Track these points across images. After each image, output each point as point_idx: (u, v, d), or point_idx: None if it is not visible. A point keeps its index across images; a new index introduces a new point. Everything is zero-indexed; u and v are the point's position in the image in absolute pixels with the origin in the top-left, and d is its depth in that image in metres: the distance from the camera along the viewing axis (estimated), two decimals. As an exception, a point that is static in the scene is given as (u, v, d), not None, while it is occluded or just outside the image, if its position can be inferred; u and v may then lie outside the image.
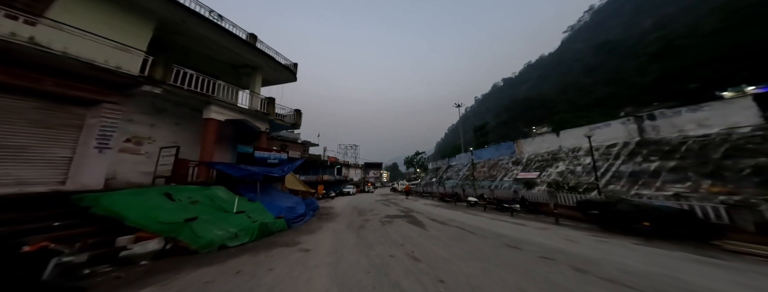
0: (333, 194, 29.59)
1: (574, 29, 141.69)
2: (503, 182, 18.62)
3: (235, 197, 7.56)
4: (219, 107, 9.69)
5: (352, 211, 15.34)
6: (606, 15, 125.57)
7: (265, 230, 6.84)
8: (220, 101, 9.70)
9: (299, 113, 14.91)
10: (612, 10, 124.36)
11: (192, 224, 5.16)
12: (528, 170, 16.37)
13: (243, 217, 6.67)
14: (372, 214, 13.44)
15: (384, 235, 7.60)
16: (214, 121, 9.40)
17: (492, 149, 24.54)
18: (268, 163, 11.52)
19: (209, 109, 9.29)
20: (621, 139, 12.30)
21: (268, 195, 10.13)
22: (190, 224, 5.13)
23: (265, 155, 11.44)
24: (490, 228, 8.14)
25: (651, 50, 62.07)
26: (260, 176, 8.71)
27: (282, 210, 9.16)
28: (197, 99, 9.09)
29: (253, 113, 11.39)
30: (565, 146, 14.63)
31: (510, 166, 19.53)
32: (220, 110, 9.72)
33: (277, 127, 14.15)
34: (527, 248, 5.60)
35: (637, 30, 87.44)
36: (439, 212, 13.10)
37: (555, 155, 14.81)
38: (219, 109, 9.69)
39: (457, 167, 33.16)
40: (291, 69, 15.38)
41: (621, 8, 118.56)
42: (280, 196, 11.05)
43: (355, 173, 49.54)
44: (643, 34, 77.70)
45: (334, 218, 11.88)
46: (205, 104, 9.31)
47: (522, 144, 19.04)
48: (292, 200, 11.63)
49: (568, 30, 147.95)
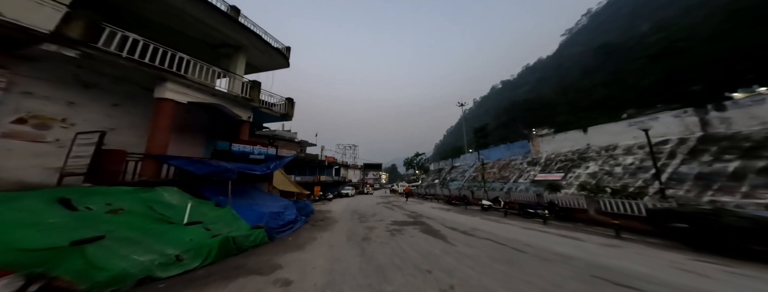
0: (330, 195, 27.48)
1: (572, 32, 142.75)
2: (518, 183, 16.76)
3: (189, 201, 5.45)
4: (179, 86, 7.52)
5: (352, 215, 13.27)
6: (603, 18, 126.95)
7: (229, 247, 4.78)
8: (182, 78, 7.52)
9: (291, 102, 12.85)
10: (609, 14, 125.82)
11: (87, 249, 3.07)
12: (548, 170, 14.55)
13: (196, 230, 4.60)
14: (376, 219, 11.40)
15: (398, 252, 5.58)
16: (171, 103, 7.22)
17: (502, 149, 22.73)
18: (251, 159, 9.43)
19: (164, 86, 7.12)
20: (674, 135, 10.46)
21: (247, 198, 8.03)
22: (83, 249, 3.04)
23: (247, 149, 9.34)
24: (535, 243, 6.18)
25: (651, 52, 61.66)
26: (233, 174, 6.61)
27: (263, 217, 7.08)
28: (144, 73, 6.86)
29: (232, 98, 9.26)
30: (595, 144, 12.83)
31: (525, 166, 17.70)
32: (180, 90, 7.55)
33: (264, 117, 12.04)
34: (639, 285, 3.57)
35: (635, 33, 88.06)
36: (454, 218, 11.12)
37: (582, 154, 13.01)
38: (179, 88, 7.52)
39: (461, 168, 31.31)
40: (282, 53, 13.33)
41: (618, 12, 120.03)
42: (264, 199, 8.95)
43: (354, 174, 47.39)
44: (641, 36, 77.92)
45: (331, 226, 9.80)
46: (157, 80, 7.14)
47: (539, 143, 17.26)
48: (279, 203, 9.53)
49: (566, 33, 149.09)
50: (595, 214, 8.74)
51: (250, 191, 8.52)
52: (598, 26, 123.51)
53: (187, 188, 6.27)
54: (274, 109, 12.01)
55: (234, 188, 7.93)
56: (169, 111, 7.12)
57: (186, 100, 7.58)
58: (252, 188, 8.95)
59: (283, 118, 12.55)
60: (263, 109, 10.97)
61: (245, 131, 9.79)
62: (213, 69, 8.61)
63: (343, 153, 50.92)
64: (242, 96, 9.64)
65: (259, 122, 12.72)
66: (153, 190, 5.34)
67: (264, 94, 11.39)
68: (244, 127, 9.84)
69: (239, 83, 9.83)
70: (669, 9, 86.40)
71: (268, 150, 10.41)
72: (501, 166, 21.22)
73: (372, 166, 55.96)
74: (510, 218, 10.74)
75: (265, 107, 11.29)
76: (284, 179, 12.95)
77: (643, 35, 77.99)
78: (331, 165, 37.20)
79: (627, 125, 11.30)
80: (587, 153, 12.59)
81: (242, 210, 6.78)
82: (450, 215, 12.58)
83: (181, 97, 7.50)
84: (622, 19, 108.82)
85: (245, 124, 9.88)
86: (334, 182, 35.78)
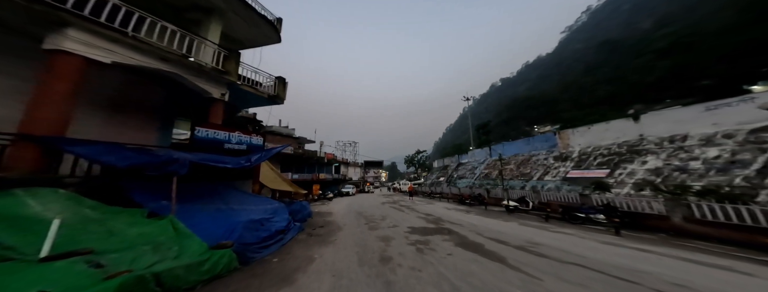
0: (330, 194, 25.25)
1: (572, 30, 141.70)
2: (544, 181, 14.68)
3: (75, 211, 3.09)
4: (93, 36, 5.00)
5: (358, 219, 11.07)
6: (604, 15, 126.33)
7: None
8: (98, 27, 5.01)
9: (283, 83, 10.49)
10: (610, 11, 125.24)
11: None
12: (585, 166, 12.47)
13: (68, 269, 2.30)
14: (387, 225, 9.22)
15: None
16: (76, 61, 4.76)
17: (520, 143, 20.62)
18: (227, 149, 7.13)
19: (62, 35, 4.64)
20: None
21: (215, 202, 5.74)
22: None
23: (220, 136, 7.01)
24: (656, 272, 4.03)
25: (658, 47, 60.38)
26: (181, 167, 4.21)
27: (234, 229, 4.81)
28: (25, 10, 4.33)
29: (195, 68, 6.84)
30: (651, 134, 10.65)
31: (551, 162, 15.62)
32: (96, 43, 5.04)
33: (248, 99, 9.65)
34: None
35: (636, 29, 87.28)
36: (484, 224, 8.96)
37: (634, 146, 10.88)
38: (94, 39, 5.00)
39: (470, 164, 29.25)
40: (272, 23, 10.92)
41: (619, 9, 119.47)
42: (244, 201, 6.66)
43: (355, 172, 45.11)
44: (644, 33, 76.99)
45: (334, 236, 7.58)
46: (51, 26, 4.67)
47: (568, 135, 15.16)
48: (265, 206, 7.26)
49: (566, 30, 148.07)
50: (682, 222, 6.62)
51: (222, 192, 6.22)
52: (598, 23, 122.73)
53: (107, 191, 3.99)
54: (261, 90, 9.64)
55: (197, 188, 5.64)
56: (72, 72, 4.60)
57: (110, 60, 5.12)
58: (226, 187, 6.65)
59: (271, 101, 10.16)
60: (245, 86, 8.60)
61: (217, 113, 7.42)
62: (162, 24, 6.15)
63: (342, 150, 48.58)
64: (213, 67, 7.25)
65: (239, 105, 10.33)
66: (4, 194, 3.00)
67: (247, 70, 9.03)
68: (215, 107, 7.46)
69: (210, 51, 7.43)
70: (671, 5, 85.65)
71: (251, 139, 8.10)
72: (519, 162, 19.14)
73: (373, 163, 53.75)
74: (555, 224, 8.61)
75: (249, 85, 8.92)
76: (276, 177, 10.63)
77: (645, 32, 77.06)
78: (330, 162, 34.87)
79: (703, 109, 9.16)
80: (641, 145, 10.47)
81: (200, 220, 4.51)
82: (476, 218, 10.42)
83: (99, 55, 4.97)
84: (622, 16, 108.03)
85: (217, 104, 7.50)
86: (333, 180, 33.47)
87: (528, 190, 15.01)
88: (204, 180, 6.26)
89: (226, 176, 7.08)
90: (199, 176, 6.33)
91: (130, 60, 5.39)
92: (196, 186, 5.74)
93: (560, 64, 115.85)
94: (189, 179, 5.79)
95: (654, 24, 79.54)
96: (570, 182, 12.58)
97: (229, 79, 7.69)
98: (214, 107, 7.44)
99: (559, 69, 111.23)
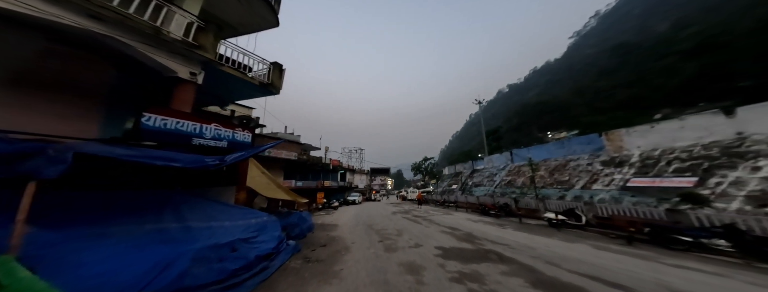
0: (335, 203, 23.20)
1: (580, 34, 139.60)
2: (593, 190, 12.19)
3: None
4: None
5: (368, 234, 8.95)
6: (614, 19, 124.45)
7: None
8: None
9: (279, 69, 8.64)
10: (620, 15, 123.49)
11: None
12: (654, 173, 10.02)
13: None
14: (408, 244, 7.09)
15: None
16: None
17: (552, 147, 18.14)
18: (197, 145, 5.22)
19: None
20: None
21: (152, 219, 3.72)
22: None
23: (187, 127, 5.11)
24: None
25: (682, 48, 57.46)
26: (51, 166, 2.08)
27: (175, 263, 2.80)
28: None
29: (152, 36, 4.98)
30: (759, 133, 8.08)
31: (597, 168, 13.13)
32: None
33: (233, 85, 7.73)
34: None
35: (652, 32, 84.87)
36: (541, 245, 6.65)
37: (730, 148, 8.38)
38: None
39: (487, 171, 26.73)
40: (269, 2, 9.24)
41: (629, 13, 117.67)
42: (212, 216, 4.64)
43: (361, 180, 42.88)
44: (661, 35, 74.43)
45: (339, 262, 5.47)
46: None
47: (620, 136, 12.68)
48: (247, 222, 5.25)
49: (575, 36, 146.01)
50: None
51: (179, 203, 4.24)
52: (608, 27, 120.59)
53: None
54: (252, 76, 7.79)
55: (134, 198, 3.69)
56: None
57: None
58: (189, 197, 4.68)
59: (264, 90, 8.28)
60: (228, 69, 6.75)
61: (185, 97, 5.50)
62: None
63: (348, 156, 46.65)
64: (182, 40, 5.45)
65: (225, 95, 8.45)
66: None
67: (232, 51, 7.23)
68: (182, 90, 5.53)
69: (181, 21, 5.65)
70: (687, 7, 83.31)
71: (235, 134, 6.19)
72: (552, 168, 16.66)
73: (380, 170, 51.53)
74: (646, 249, 6.22)
75: (234, 68, 7.09)
76: (270, 183, 8.56)
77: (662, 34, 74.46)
78: (335, 169, 32.90)
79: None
80: (743, 146, 7.96)
81: (107, 253, 2.52)
82: (519, 236, 8.09)
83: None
84: (634, 20, 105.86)
85: (186, 88, 5.59)
86: (339, 187, 31.37)
87: (569, 200, 12.53)
88: (150, 187, 4.34)
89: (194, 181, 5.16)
90: (139, 180, 4.39)
91: (28, 8, 3.55)
92: (132, 196, 3.81)
93: (571, 68, 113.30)
94: (119, 185, 3.86)
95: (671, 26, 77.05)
96: (635, 193, 10.09)
97: (203, 56, 5.85)
98: (181, 90, 5.53)
99: (570, 73, 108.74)
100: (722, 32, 51.41)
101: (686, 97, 46.95)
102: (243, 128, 6.49)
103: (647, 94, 59.40)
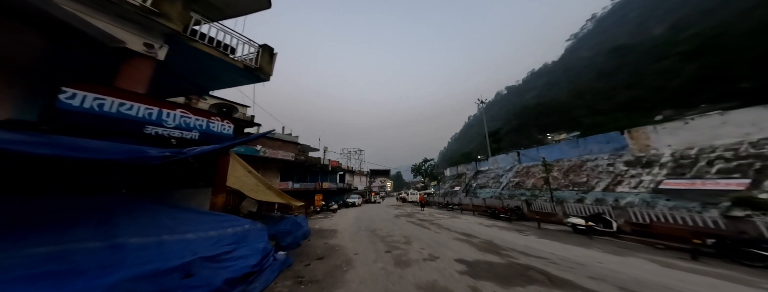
0: (334, 205, 21.95)
1: (577, 37, 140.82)
2: (618, 193, 11.12)
3: None
4: None
5: (373, 242, 7.74)
6: (610, 22, 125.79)
7: None
8: None
9: (269, 53, 7.35)
10: (616, 18, 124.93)
11: None
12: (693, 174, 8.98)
13: None
14: (421, 255, 5.93)
15: None
16: None
17: (564, 146, 17.14)
18: (153, 135, 3.95)
19: None
20: None
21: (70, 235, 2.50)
22: None
23: (138, 112, 3.86)
24: None
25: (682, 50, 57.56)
26: None
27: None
28: None
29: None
30: None
31: (621, 168, 12.09)
32: None
33: (211, 69, 6.45)
34: None
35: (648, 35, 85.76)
36: (585, 259, 5.50)
37: None
38: None
39: (492, 172, 25.67)
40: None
41: (626, 16, 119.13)
42: (165, 228, 3.38)
43: (360, 181, 41.53)
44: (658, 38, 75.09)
45: (340, 285, 4.28)
46: None
47: (646, 134, 11.63)
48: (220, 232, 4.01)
49: (571, 38, 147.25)
50: None
51: (114, 211, 2.99)
52: (605, 30, 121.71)
53: None
54: (234, 57, 6.48)
55: (50, 206, 2.46)
56: None
57: None
58: (138, 202, 3.42)
59: (251, 76, 6.96)
60: (201, 45, 5.48)
61: (138, 75, 4.16)
62: None
63: (347, 157, 45.30)
64: (137, 4, 4.16)
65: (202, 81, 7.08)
66: None
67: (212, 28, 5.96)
68: (134, 66, 4.16)
69: None
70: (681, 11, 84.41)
71: (211, 123, 4.94)
72: (566, 168, 15.61)
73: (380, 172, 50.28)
74: (720, 266, 5.09)
75: (211, 46, 5.79)
76: (258, 184, 7.08)
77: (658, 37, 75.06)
78: (334, 170, 31.56)
79: None
80: None
81: None
82: (557, 247, 6.94)
83: None
84: (630, 23, 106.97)
85: (139, 63, 4.25)
86: (338, 189, 30.03)
87: (590, 203, 11.45)
88: (80, 191, 3.09)
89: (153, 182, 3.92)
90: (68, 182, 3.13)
91: None
92: (50, 204, 2.56)
93: (568, 70, 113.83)
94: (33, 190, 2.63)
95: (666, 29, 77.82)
96: (670, 196, 9.02)
97: (167, 28, 4.58)
98: (132, 66, 4.20)
99: (567, 76, 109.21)
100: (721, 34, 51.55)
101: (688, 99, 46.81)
102: (222, 118, 5.24)
103: (647, 95, 59.50)
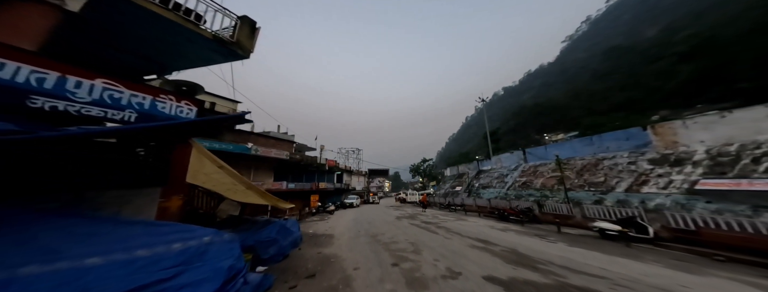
0: (331, 206, 20.66)
1: (573, 39, 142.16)
2: (644, 194, 10.13)
3: None
4: None
5: (376, 251, 6.61)
6: (605, 24, 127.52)
7: None
8: None
9: (250, 26, 5.88)
10: (610, 20, 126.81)
11: None
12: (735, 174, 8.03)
13: None
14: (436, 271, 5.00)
15: None
16: None
17: (578, 144, 16.17)
18: (38, 108, 2.53)
19: None
20: None
21: None
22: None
23: (30, 79, 2.49)
24: None
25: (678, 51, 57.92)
26: None
27: None
28: None
29: None
30: None
31: (645, 167, 11.13)
32: None
33: (172, 37, 5.02)
34: None
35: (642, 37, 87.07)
36: (634, 272, 4.56)
37: None
38: None
39: (495, 172, 24.69)
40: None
41: (620, 18, 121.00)
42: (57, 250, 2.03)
43: (358, 182, 40.17)
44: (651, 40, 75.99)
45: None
46: None
47: (674, 129, 10.63)
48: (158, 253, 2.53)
49: (567, 40, 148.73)
50: None
51: None
52: (600, 32, 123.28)
53: None
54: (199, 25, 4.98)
55: None
56: None
57: None
58: (16, 213, 2.11)
59: (226, 52, 5.44)
60: (151, 5, 4.00)
61: (26, 25, 2.58)
62: None
63: (345, 157, 43.87)
64: None
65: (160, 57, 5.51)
66: None
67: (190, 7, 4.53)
68: (19, 12, 2.76)
69: None
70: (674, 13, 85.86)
71: (156, 101, 3.50)
72: (579, 168, 14.65)
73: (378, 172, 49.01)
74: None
75: (162, 6, 4.25)
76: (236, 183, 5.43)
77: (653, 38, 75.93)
78: (332, 170, 30.18)
79: None
80: None
81: None
82: (603, 259, 5.87)
83: None
84: (624, 25, 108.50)
85: (29, 8, 2.84)
86: (335, 190, 28.69)
87: (610, 204, 10.43)
88: None
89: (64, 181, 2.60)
90: None
91: None
92: None
93: (564, 72, 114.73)
94: None
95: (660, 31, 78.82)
96: (711, 197, 8.03)
97: None
98: (15, 12, 2.74)
99: (563, 77, 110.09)
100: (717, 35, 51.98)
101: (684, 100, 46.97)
102: (179, 97, 3.82)
103: (643, 96, 59.90)
